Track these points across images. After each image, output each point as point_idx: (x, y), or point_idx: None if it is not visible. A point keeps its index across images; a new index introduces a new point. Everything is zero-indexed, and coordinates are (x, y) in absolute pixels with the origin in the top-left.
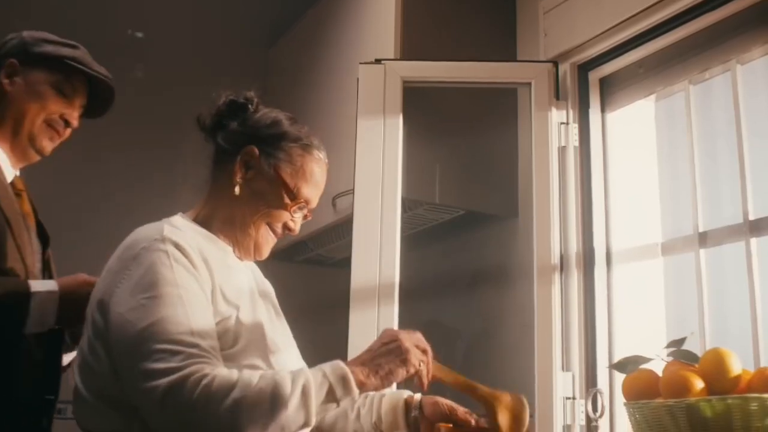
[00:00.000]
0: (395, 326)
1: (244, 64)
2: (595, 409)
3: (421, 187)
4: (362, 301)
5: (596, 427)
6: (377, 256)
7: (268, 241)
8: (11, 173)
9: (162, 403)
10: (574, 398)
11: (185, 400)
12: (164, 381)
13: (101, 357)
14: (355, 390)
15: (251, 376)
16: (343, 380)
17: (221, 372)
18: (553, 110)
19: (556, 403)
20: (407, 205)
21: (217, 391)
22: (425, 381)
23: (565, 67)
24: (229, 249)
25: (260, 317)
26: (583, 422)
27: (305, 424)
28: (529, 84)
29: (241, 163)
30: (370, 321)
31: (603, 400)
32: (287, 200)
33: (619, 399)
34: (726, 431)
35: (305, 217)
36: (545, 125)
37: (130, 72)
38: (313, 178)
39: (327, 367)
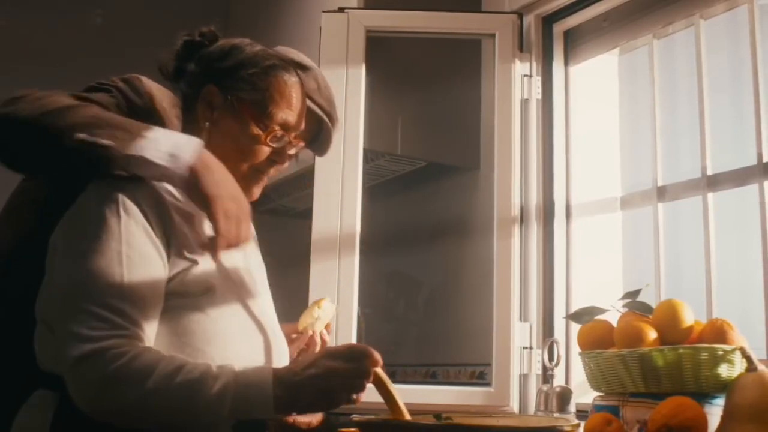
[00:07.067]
0: (355, 278)
1: (205, 11)
2: (551, 359)
3: (383, 138)
4: (323, 252)
5: (552, 376)
6: (338, 206)
7: (255, 181)
8: None
9: (73, 370)
10: (531, 348)
11: (96, 375)
12: (81, 348)
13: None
14: (273, 413)
15: (174, 367)
16: (264, 401)
17: (143, 355)
18: (517, 62)
19: (513, 353)
20: (369, 156)
21: (132, 374)
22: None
23: (529, 19)
24: None
25: (237, 262)
26: (540, 371)
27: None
28: (493, 35)
29: (203, 105)
30: (331, 272)
31: (559, 350)
32: (259, 132)
33: (575, 349)
34: (676, 380)
35: (291, 144)
36: (508, 77)
37: (90, 17)
38: (284, 100)
39: (252, 380)
